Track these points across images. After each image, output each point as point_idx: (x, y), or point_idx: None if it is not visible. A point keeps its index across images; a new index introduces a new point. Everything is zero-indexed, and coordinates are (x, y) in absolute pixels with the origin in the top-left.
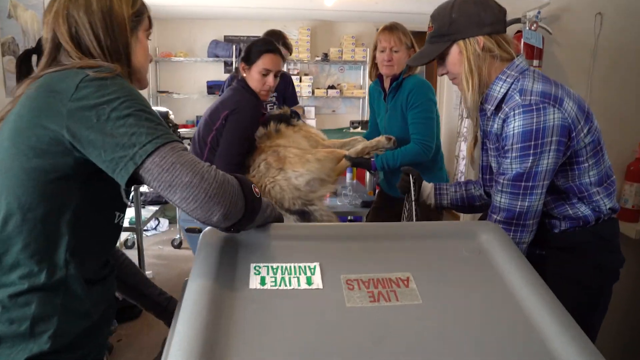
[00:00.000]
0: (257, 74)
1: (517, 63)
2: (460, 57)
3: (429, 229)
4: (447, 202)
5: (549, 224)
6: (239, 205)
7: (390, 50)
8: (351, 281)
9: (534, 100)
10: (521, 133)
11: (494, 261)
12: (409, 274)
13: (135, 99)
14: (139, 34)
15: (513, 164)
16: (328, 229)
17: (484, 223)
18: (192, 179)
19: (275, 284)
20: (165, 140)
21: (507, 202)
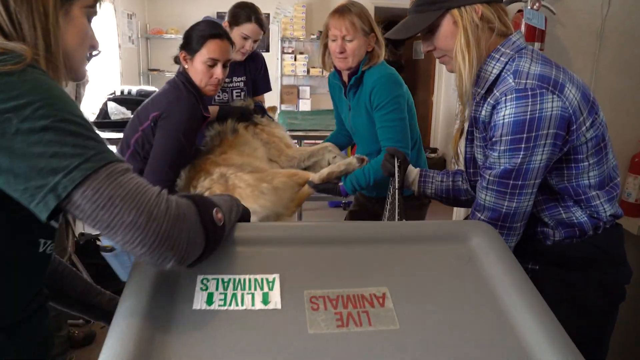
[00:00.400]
0: (202, 65)
1: (514, 40)
2: (454, 29)
3: (412, 230)
4: (430, 192)
5: (540, 233)
6: (197, 242)
7: (342, 39)
8: (316, 299)
9: (530, 84)
10: (512, 123)
11: (485, 272)
12: (385, 288)
13: (55, 103)
14: (72, 9)
15: (501, 158)
16: (293, 230)
17: (475, 223)
18: (137, 218)
19: (224, 303)
20: (99, 163)
21: (492, 200)
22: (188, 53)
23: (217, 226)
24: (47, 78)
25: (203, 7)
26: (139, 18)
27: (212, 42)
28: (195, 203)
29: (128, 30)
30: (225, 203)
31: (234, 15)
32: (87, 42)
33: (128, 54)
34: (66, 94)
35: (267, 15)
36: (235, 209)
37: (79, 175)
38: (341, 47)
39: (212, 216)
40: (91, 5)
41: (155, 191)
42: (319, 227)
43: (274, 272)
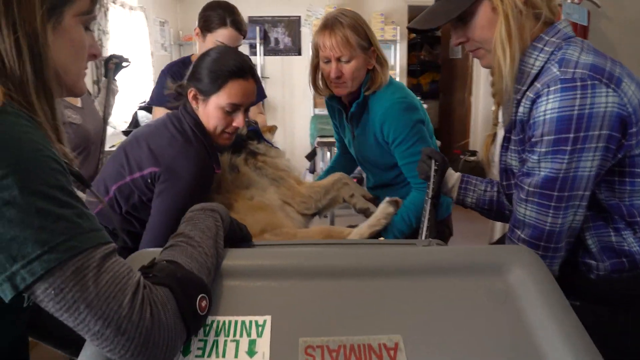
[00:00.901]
0: (218, 110)
1: (560, 27)
2: (492, 17)
3: (436, 258)
4: (471, 201)
5: (583, 264)
6: (178, 343)
7: (336, 60)
8: (313, 349)
9: (580, 74)
10: (556, 119)
11: (527, 316)
12: (398, 337)
13: (23, 169)
14: (63, 19)
15: (542, 162)
16: (292, 257)
17: (515, 249)
18: (104, 330)
19: (202, 353)
20: (66, 254)
21: (533, 216)
22: (200, 92)
23: (199, 316)
24: (20, 129)
25: None
26: (171, 25)
27: (235, 84)
28: (176, 291)
29: (160, 37)
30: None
31: (205, 20)
32: (83, 54)
33: (160, 62)
34: (42, 150)
35: (298, 18)
36: (220, 232)
37: (39, 269)
38: (337, 71)
39: (195, 307)
40: (86, 12)
41: (130, 291)
42: (323, 254)
43: (265, 313)
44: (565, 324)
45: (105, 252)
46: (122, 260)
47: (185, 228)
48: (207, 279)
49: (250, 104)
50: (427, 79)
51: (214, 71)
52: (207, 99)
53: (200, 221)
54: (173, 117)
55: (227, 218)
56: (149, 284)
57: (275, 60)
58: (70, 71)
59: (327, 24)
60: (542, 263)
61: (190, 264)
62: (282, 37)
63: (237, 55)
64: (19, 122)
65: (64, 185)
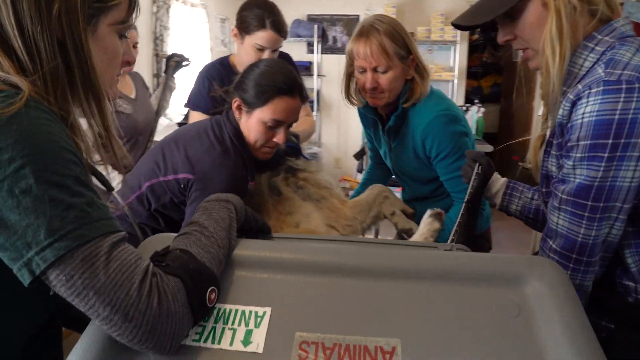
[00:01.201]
0: (260, 124)
1: (617, 25)
2: (543, 13)
3: (450, 264)
4: (515, 208)
5: (620, 285)
6: (183, 332)
7: (372, 71)
8: (307, 345)
9: (627, 76)
10: (594, 123)
11: (539, 333)
12: (397, 341)
13: (39, 160)
14: (98, 27)
15: (577, 168)
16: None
17: (540, 261)
18: (112, 315)
19: (199, 338)
20: (76, 242)
21: (565, 225)
22: (245, 103)
23: (207, 307)
24: (39, 121)
25: (294, 9)
26: (232, 22)
27: (281, 100)
28: (187, 282)
29: (221, 34)
30: (221, 231)
31: (242, 21)
32: (116, 62)
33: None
34: (57, 142)
35: (357, 17)
36: (234, 223)
37: (51, 255)
38: (373, 82)
39: (204, 299)
40: (121, 21)
41: (137, 279)
42: (331, 250)
43: (266, 305)
44: (579, 345)
45: (114, 240)
46: (131, 248)
47: (200, 217)
48: (218, 270)
49: (293, 121)
50: (489, 81)
51: (262, 85)
52: (251, 111)
53: (215, 211)
54: (215, 123)
55: (241, 210)
56: (160, 272)
57: (332, 58)
58: (104, 76)
59: (363, 31)
60: (565, 277)
61: (202, 255)
62: (340, 35)
63: (287, 71)
64: (40, 115)
65: (77, 175)
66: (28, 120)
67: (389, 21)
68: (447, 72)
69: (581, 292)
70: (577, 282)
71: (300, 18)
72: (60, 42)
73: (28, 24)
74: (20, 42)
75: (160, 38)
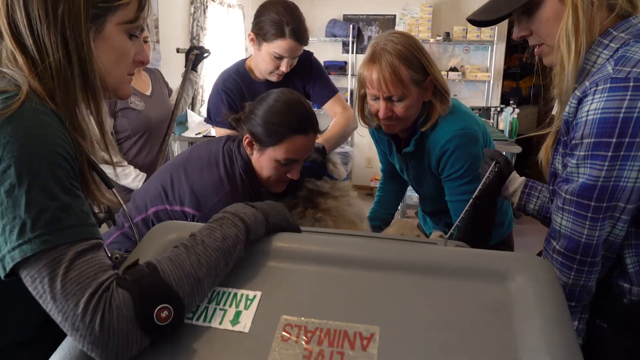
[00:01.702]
0: (273, 162)
1: (634, 22)
2: (560, 8)
3: (440, 258)
4: (533, 208)
5: (617, 287)
6: (134, 347)
7: (385, 100)
8: (291, 327)
9: (636, 73)
10: (598, 121)
11: (517, 329)
12: (377, 329)
13: (25, 162)
14: (105, 27)
15: (580, 167)
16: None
17: (529, 259)
18: (63, 323)
19: (192, 315)
20: (42, 246)
21: (569, 226)
22: (257, 141)
23: (159, 326)
24: (35, 124)
25: (329, 9)
26: None
27: (295, 139)
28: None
29: None
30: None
31: (260, 27)
32: (126, 61)
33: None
34: (47, 144)
35: (393, 16)
36: (239, 245)
37: (18, 255)
38: (387, 111)
39: (151, 317)
40: (129, 21)
41: (89, 291)
42: (326, 241)
43: (257, 289)
44: (555, 342)
45: (80, 249)
46: (97, 258)
47: (203, 231)
48: (190, 288)
49: (308, 156)
50: (528, 83)
51: (273, 124)
52: (263, 149)
53: (223, 227)
54: (227, 154)
55: (257, 228)
56: (113, 286)
57: None
58: (111, 75)
59: (374, 55)
60: (553, 275)
61: (170, 271)
62: (375, 35)
63: (299, 106)
64: (36, 117)
65: (61, 178)
66: (23, 122)
67: (403, 41)
68: (484, 73)
69: (585, 292)
70: (582, 283)
71: (336, 18)
72: (65, 40)
73: (37, 24)
74: (31, 40)
75: (196, 38)
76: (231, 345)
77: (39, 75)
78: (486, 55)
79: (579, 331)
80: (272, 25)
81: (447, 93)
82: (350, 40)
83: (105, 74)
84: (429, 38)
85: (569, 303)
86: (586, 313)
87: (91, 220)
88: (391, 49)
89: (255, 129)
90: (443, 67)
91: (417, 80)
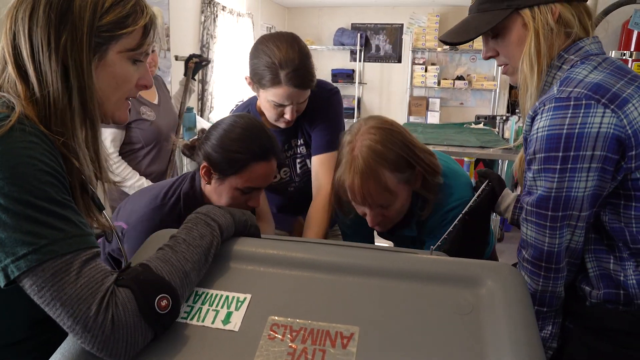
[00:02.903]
0: (233, 191)
1: (583, 45)
2: (523, 32)
3: (416, 265)
4: None
5: (580, 289)
6: (140, 339)
7: (373, 209)
8: (277, 327)
9: (576, 93)
10: (546, 137)
11: (486, 330)
12: (356, 329)
13: (16, 182)
14: (107, 55)
15: (537, 180)
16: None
17: (499, 266)
18: (74, 326)
19: (187, 316)
20: (47, 256)
21: (532, 235)
22: (217, 171)
23: (161, 314)
24: (22, 145)
25: (337, 18)
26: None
27: (256, 167)
28: (136, 292)
29: None
30: (194, 249)
31: (255, 72)
32: (126, 87)
33: None
34: (36, 165)
35: (400, 25)
36: (215, 241)
37: (23, 266)
38: (376, 219)
39: (154, 306)
40: (133, 49)
41: (100, 295)
42: (311, 249)
43: (247, 292)
44: (519, 343)
45: (85, 257)
46: (100, 265)
47: (181, 232)
48: (180, 280)
49: (269, 183)
50: None
51: (234, 151)
52: (223, 179)
53: (199, 227)
54: (179, 179)
55: (228, 228)
56: (115, 287)
57: (374, 66)
58: (109, 101)
59: (354, 161)
60: (521, 281)
61: (161, 267)
62: (383, 44)
63: (260, 131)
64: (25, 138)
65: (52, 196)
66: (12, 143)
67: (382, 138)
68: (490, 82)
69: (555, 297)
70: (550, 289)
71: (345, 27)
72: (65, 68)
73: (39, 52)
74: (32, 69)
75: (206, 46)
76: (222, 342)
77: (36, 102)
78: (493, 64)
79: (553, 335)
80: (266, 69)
81: (437, 171)
82: (358, 48)
83: (104, 99)
84: (436, 47)
85: (541, 309)
86: (559, 317)
87: (89, 230)
88: (371, 153)
89: (213, 157)
90: (450, 76)
91: (405, 180)
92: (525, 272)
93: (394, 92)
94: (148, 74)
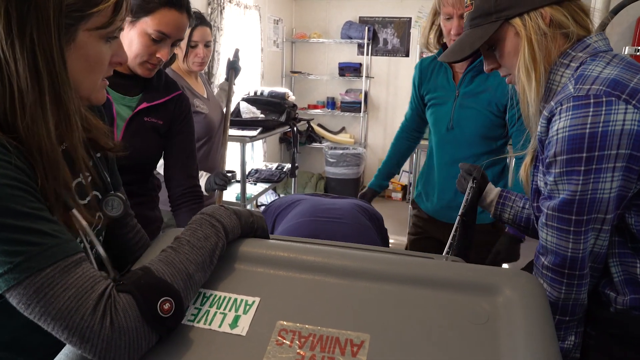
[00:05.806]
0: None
1: (590, 42)
2: (517, 40)
3: (430, 271)
4: (508, 217)
5: (604, 295)
6: (143, 344)
7: (459, 17)
8: (286, 332)
9: (595, 90)
10: (567, 138)
11: (500, 337)
12: (367, 336)
13: None
14: (77, 36)
15: (558, 184)
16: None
17: (517, 273)
18: (70, 337)
19: (194, 318)
20: (24, 273)
21: (554, 241)
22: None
23: (164, 318)
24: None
25: (346, 11)
26: (285, 23)
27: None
28: (137, 296)
29: (273, 34)
30: (198, 250)
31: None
32: (100, 68)
33: (271, 57)
34: (10, 183)
35: (409, 19)
36: (220, 242)
37: (3, 285)
38: (458, 29)
39: (156, 310)
40: (103, 26)
41: (92, 304)
42: (323, 252)
43: (256, 295)
44: (537, 353)
45: (67, 266)
46: (88, 272)
47: (185, 233)
48: (184, 282)
49: (178, 40)
50: None
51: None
52: (135, 21)
53: (203, 228)
54: None
55: (233, 230)
56: (114, 292)
57: (382, 60)
58: (83, 84)
59: None
60: (541, 289)
61: (163, 270)
62: (391, 37)
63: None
64: None
65: (19, 209)
66: None
67: None
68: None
69: (578, 305)
70: (573, 297)
71: (352, 20)
72: (34, 56)
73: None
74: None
75: (213, 38)
76: (229, 347)
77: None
78: None
79: (576, 345)
80: None
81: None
82: (365, 42)
83: (77, 84)
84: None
85: (563, 318)
86: (582, 326)
87: (67, 236)
88: None
89: None
90: None
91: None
92: (545, 280)
93: (401, 87)
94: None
